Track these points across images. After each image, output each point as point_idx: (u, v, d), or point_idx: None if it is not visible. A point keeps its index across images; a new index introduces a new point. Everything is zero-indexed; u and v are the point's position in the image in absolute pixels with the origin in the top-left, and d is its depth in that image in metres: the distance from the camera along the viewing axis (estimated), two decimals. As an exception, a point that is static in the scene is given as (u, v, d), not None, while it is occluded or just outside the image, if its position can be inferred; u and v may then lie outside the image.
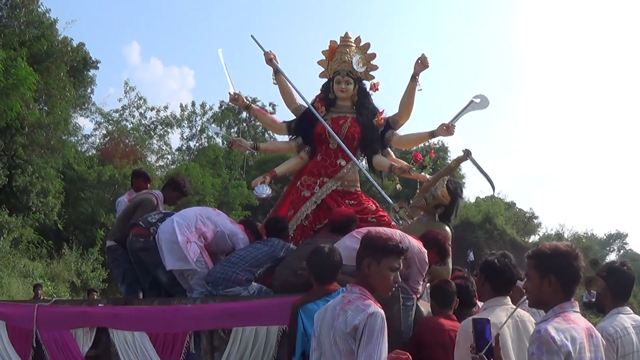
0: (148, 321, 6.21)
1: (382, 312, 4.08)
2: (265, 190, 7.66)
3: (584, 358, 3.50)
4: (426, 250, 6.00)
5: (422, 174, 7.73)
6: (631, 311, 4.77)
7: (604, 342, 3.75)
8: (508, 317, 4.33)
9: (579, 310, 3.68)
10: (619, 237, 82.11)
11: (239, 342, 5.64)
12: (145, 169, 10.79)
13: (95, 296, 16.27)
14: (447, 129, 7.62)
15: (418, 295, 5.97)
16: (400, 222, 7.39)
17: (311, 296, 5.15)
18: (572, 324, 3.54)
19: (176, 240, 6.47)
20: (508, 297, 4.66)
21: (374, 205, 7.84)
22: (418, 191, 7.80)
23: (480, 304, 5.44)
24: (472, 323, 3.85)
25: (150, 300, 6.83)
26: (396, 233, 6.37)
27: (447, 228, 7.03)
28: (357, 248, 5.40)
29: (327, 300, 4.90)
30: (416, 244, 5.94)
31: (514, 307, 4.54)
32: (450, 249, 6.76)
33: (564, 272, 3.64)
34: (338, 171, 7.91)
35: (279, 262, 6.46)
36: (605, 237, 76.02)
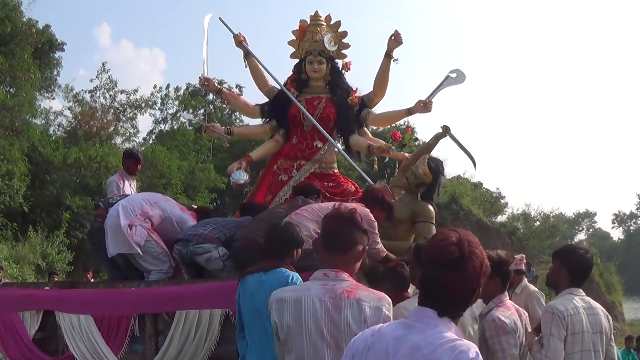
0: (93, 304, 6.29)
1: None
2: (242, 176, 7.52)
3: (521, 334, 4.50)
4: (369, 210, 5.79)
5: (402, 152, 7.67)
6: (583, 294, 4.82)
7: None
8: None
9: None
10: (588, 216, 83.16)
11: (182, 325, 5.68)
12: (136, 150, 10.96)
13: (56, 278, 16.28)
14: (424, 106, 7.60)
15: (383, 254, 5.95)
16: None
17: (251, 269, 4.80)
18: (511, 311, 4.53)
19: (119, 224, 6.48)
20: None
21: (353, 187, 7.82)
22: (398, 170, 7.74)
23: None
24: None
25: (95, 283, 6.85)
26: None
27: (430, 207, 6.99)
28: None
29: (259, 275, 4.62)
30: (359, 208, 5.47)
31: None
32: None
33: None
34: (315, 153, 7.84)
35: None
36: (574, 216, 76.95)
